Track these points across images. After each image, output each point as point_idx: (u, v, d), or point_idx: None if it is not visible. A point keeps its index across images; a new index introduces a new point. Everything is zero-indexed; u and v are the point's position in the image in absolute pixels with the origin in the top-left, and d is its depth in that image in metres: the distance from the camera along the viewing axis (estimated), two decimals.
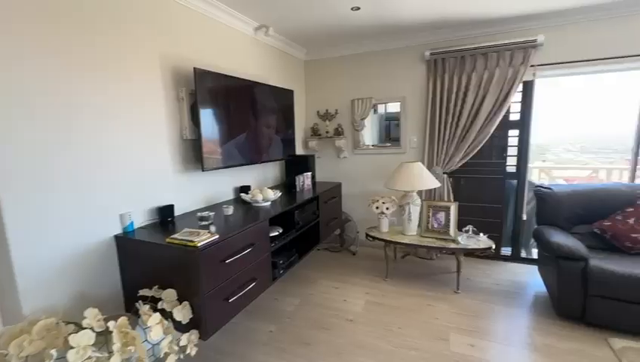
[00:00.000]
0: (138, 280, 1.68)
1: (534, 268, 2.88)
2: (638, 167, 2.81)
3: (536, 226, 2.66)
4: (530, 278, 2.83)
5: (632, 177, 2.84)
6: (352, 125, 3.59)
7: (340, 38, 3.21)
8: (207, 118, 2.16)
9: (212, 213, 1.94)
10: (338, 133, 3.60)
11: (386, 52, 3.34)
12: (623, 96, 2.82)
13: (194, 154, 2.23)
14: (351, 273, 3.06)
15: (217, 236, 1.64)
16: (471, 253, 2.60)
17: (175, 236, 1.61)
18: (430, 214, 2.85)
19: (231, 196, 2.68)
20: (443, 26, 2.89)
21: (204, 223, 1.88)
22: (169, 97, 2.05)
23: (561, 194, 2.58)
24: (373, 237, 2.94)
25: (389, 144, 3.54)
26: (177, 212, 2.12)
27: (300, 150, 3.71)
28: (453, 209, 2.76)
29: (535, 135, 3.03)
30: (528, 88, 2.91)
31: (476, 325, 2.20)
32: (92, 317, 1.29)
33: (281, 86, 3.07)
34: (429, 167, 3.14)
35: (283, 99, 3.06)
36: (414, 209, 2.86)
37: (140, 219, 1.89)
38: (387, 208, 2.97)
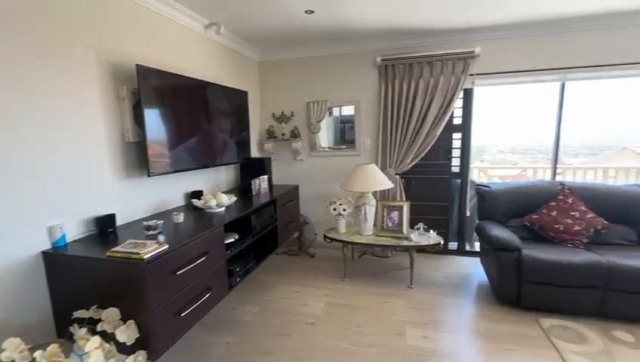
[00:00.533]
0: (73, 301, 1.49)
1: (477, 260, 3.14)
2: (557, 166, 3.22)
3: (477, 221, 2.90)
4: (474, 269, 3.08)
5: (553, 175, 3.24)
6: (308, 127, 3.60)
7: (295, 41, 3.21)
8: (153, 119, 2.01)
9: (160, 222, 1.80)
10: (294, 135, 3.58)
11: (340, 56, 3.41)
12: (545, 104, 3.21)
13: (138, 158, 2.05)
14: (310, 276, 3.05)
15: (166, 246, 1.52)
16: (422, 249, 2.74)
17: (117, 249, 1.46)
18: (385, 214, 2.96)
19: (181, 202, 2.52)
20: (393, 34, 3.03)
21: (151, 233, 1.74)
22: (108, 96, 1.87)
23: (497, 192, 2.85)
24: (332, 239, 2.98)
25: (345, 146, 3.61)
26: (120, 221, 1.93)
27: (255, 153, 3.62)
28: (406, 208, 2.90)
29: (475, 138, 3.31)
30: (468, 95, 3.18)
31: (429, 317, 2.33)
32: (13, 348, 1.11)
33: (234, 87, 2.97)
34: (383, 169, 3.27)
35: (237, 100, 2.96)
36: (370, 209, 2.95)
37: (73, 232, 1.69)
38: (344, 209, 3.02)
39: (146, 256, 1.40)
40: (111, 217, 1.82)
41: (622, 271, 2.10)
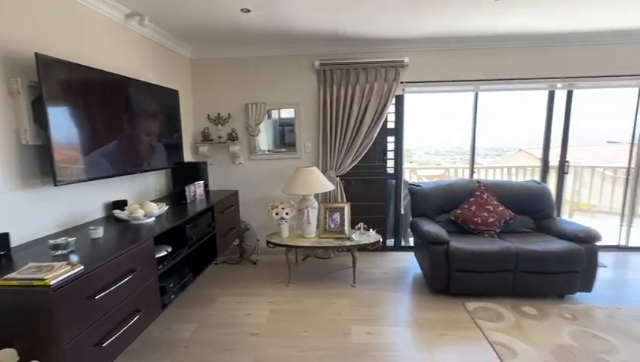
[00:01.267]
0: None
1: (412, 254, 3.38)
2: (474, 166, 3.64)
3: (411, 218, 3.12)
4: (410, 263, 3.30)
5: (471, 174, 3.67)
6: (246, 130, 3.47)
7: (232, 39, 3.07)
8: (61, 119, 1.71)
9: (72, 239, 1.53)
10: (232, 138, 3.42)
11: (279, 58, 3.36)
12: (463, 110, 3.62)
13: (41, 165, 1.72)
14: (253, 284, 2.94)
15: (81, 267, 1.30)
16: (364, 248, 2.85)
17: (13, 276, 1.20)
18: (327, 216, 3.00)
19: (101, 214, 2.20)
20: (330, 39, 3.10)
21: (60, 253, 1.47)
22: None
23: (427, 190, 3.11)
24: (275, 244, 2.91)
25: (285, 149, 3.57)
26: (17, 242, 1.59)
27: (189, 157, 3.36)
28: (347, 209, 2.98)
29: (405, 141, 3.57)
30: (400, 101, 3.42)
31: (372, 313, 2.42)
32: None
33: (163, 85, 2.71)
34: (324, 171, 3.31)
35: (166, 99, 2.71)
36: (312, 212, 2.96)
37: None
38: (287, 213, 2.98)
39: (52, 282, 1.17)
40: (3, 237, 1.49)
41: (526, 254, 2.46)
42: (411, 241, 3.66)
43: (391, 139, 3.52)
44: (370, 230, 3.02)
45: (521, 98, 4.23)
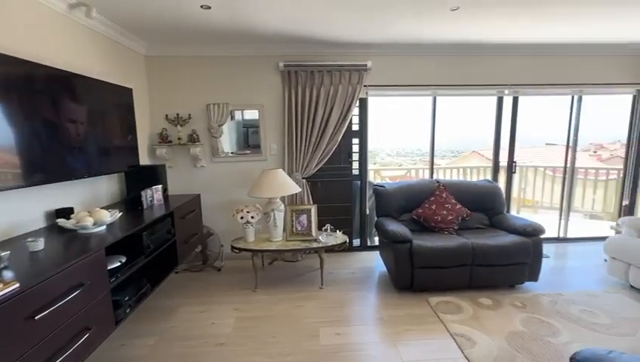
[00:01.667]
0: None
1: (377, 253, 3.46)
2: (434, 166, 3.83)
3: (376, 218, 3.20)
4: (376, 262, 3.38)
5: (431, 174, 3.85)
6: (208, 131, 3.34)
7: (191, 37, 2.93)
8: None
9: (5, 253, 1.36)
10: (193, 139, 3.27)
11: (242, 58, 3.28)
12: (422, 114, 3.79)
13: None
14: (217, 291, 2.82)
15: (16, 285, 1.15)
16: (331, 249, 2.86)
17: None
18: (294, 218, 2.98)
19: (42, 224, 1.98)
20: (294, 40, 3.09)
21: None
22: None
23: (391, 191, 3.21)
24: (240, 249, 2.82)
25: (249, 151, 3.49)
26: None
27: (145, 160, 3.16)
28: (314, 211, 2.98)
29: (369, 142, 3.65)
30: (363, 104, 3.49)
31: (340, 314, 2.43)
32: None
33: (115, 82, 2.52)
34: (290, 173, 3.29)
35: (118, 98, 2.52)
36: (279, 215, 2.92)
37: None
38: (252, 217, 2.91)
39: None
40: None
41: (482, 249, 2.62)
42: (377, 241, 3.75)
43: (356, 140, 3.59)
44: (337, 231, 3.05)
45: (474, 103, 4.52)
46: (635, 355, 1.19)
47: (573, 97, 3.70)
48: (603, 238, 3.08)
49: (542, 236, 2.72)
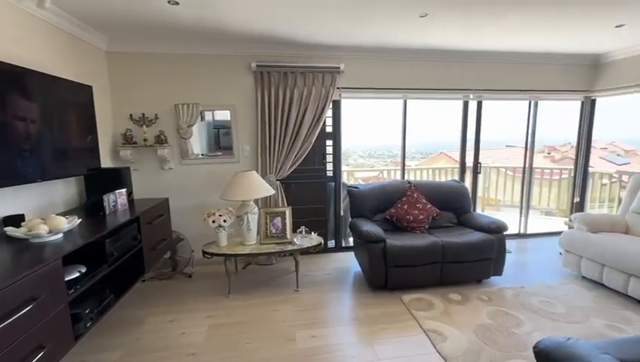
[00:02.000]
0: None
1: (352, 254, 3.50)
2: (405, 168, 3.94)
3: (350, 219, 3.23)
4: (350, 263, 3.41)
5: (402, 175, 3.96)
6: (177, 132, 3.20)
7: (158, 33, 2.80)
8: None
9: None
10: (160, 141, 3.12)
11: (214, 57, 3.18)
12: (394, 116, 3.90)
13: None
14: (188, 299, 2.70)
15: None
16: (306, 251, 2.85)
17: None
18: (268, 221, 2.93)
19: None
20: (267, 41, 3.05)
21: None
22: None
23: (364, 191, 3.25)
24: (212, 254, 2.73)
25: (220, 153, 3.39)
26: None
27: (107, 162, 2.97)
28: (288, 213, 2.95)
29: (343, 144, 3.69)
30: (337, 106, 3.52)
31: (315, 316, 2.42)
32: None
33: (71, 79, 2.35)
34: (263, 175, 3.24)
35: (76, 96, 2.35)
36: (252, 218, 2.86)
37: None
38: (225, 220, 2.82)
39: None
40: None
41: (451, 247, 2.73)
42: (351, 241, 3.79)
43: (329, 142, 3.60)
44: (312, 233, 3.04)
45: (442, 106, 4.71)
46: (589, 341, 1.28)
47: (530, 102, 3.97)
48: (558, 233, 3.34)
49: (505, 233, 2.88)
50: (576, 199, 4.22)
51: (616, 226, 2.96)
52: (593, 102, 3.97)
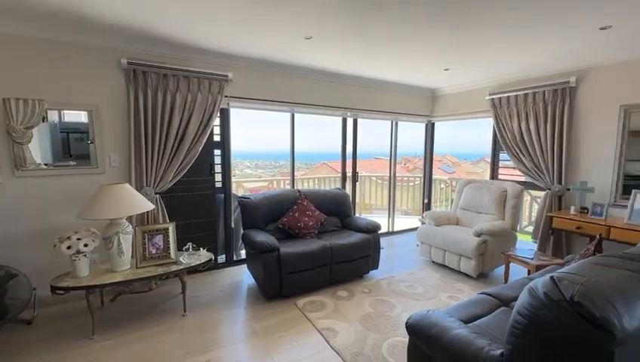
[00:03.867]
0: None
1: (244, 267, 3.40)
2: (295, 178, 4.11)
3: (242, 231, 3.15)
4: (243, 276, 3.31)
5: (292, 184, 4.12)
6: (8, 135, 2.45)
7: None
8: None
9: None
10: None
11: (69, 45, 2.60)
12: (281, 127, 4.04)
13: None
14: (28, 354, 2.07)
15: None
16: (194, 270, 2.61)
17: None
18: (146, 240, 2.55)
19: None
20: (142, 36, 2.67)
21: None
22: None
23: (256, 202, 3.24)
24: (67, 288, 2.18)
25: (74, 162, 2.76)
26: None
27: None
28: (171, 229, 2.65)
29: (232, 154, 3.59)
30: (225, 115, 3.40)
31: (209, 339, 2.24)
32: None
33: None
34: (139, 189, 2.81)
35: None
36: (125, 238, 2.44)
37: None
38: (85, 245, 2.30)
39: None
40: None
41: (338, 248, 3.00)
42: (243, 254, 3.68)
43: (218, 152, 3.44)
44: (201, 249, 2.81)
45: (324, 121, 5.16)
46: (440, 310, 1.65)
47: (392, 122, 4.81)
48: (415, 229, 4.12)
49: (379, 232, 3.37)
50: (426, 200, 5.32)
51: (452, 220, 3.88)
52: (433, 124, 5.13)
